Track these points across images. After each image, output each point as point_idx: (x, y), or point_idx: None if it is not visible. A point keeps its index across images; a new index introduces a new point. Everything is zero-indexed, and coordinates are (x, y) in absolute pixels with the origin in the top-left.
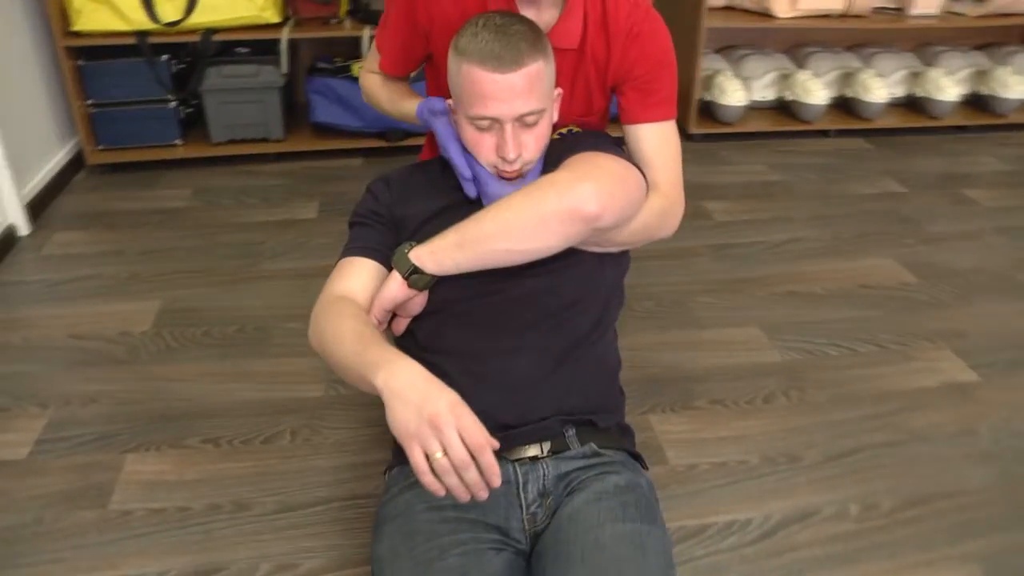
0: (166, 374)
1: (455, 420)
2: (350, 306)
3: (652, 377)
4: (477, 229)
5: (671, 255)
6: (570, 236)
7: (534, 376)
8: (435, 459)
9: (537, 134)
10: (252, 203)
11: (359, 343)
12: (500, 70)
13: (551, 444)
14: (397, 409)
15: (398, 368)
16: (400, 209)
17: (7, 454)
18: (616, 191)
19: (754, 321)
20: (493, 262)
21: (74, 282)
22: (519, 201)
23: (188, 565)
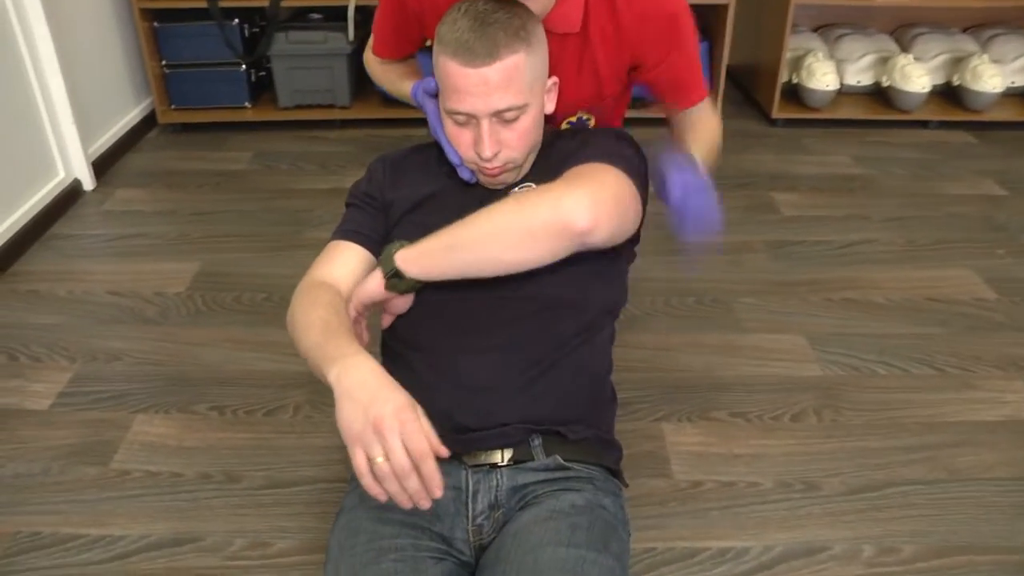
0: (190, 337)
1: (399, 425)
2: (326, 293)
3: (674, 382)
4: (464, 236)
5: (724, 248)
6: (558, 251)
7: (501, 378)
8: (375, 464)
9: (519, 130)
10: (309, 169)
11: (323, 334)
12: (472, 63)
13: (513, 452)
14: (344, 408)
15: (352, 365)
16: (391, 192)
17: (32, 404)
18: (611, 207)
19: (800, 328)
20: (479, 271)
21: (125, 239)
22: (509, 210)
23: (168, 532)
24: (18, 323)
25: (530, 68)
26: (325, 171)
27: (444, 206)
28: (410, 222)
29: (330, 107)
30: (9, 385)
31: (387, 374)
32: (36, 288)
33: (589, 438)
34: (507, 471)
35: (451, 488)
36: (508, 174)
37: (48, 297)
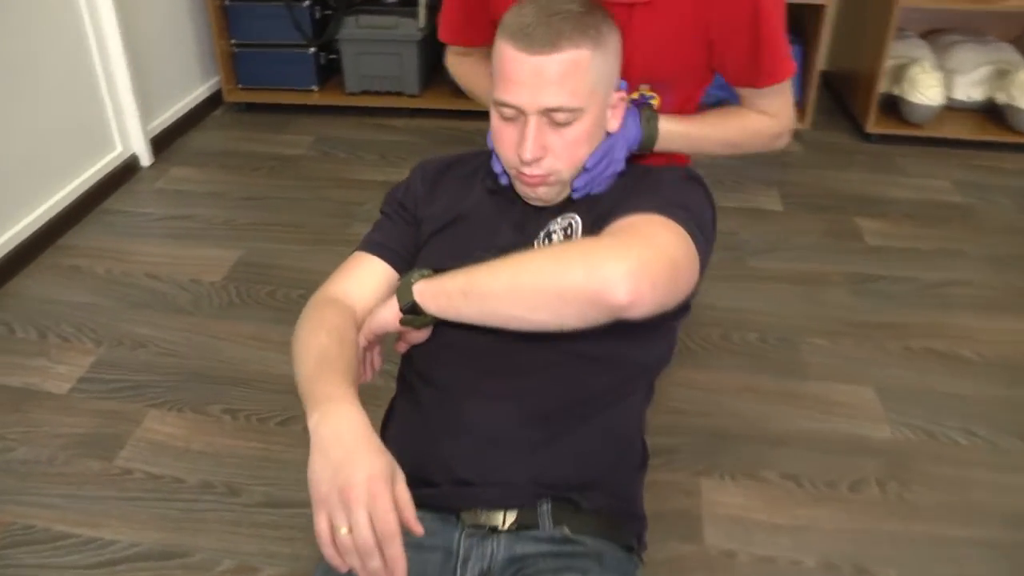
0: (218, 331)
1: (368, 498)
2: (335, 315)
3: (721, 430)
4: (488, 283)
5: (796, 278)
6: (589, 319)
7: (513, 431)
8: (338, 534)
9: (569, 138)
10: (368, 159)
11: (317, 366)
12: (529, 50)
13: (517, 516)
14: (315, 462)
15: (333, 413)
16: (424, 208)
17: (52, 386)
18: (659, 278)
19: (872, 380)
20: (500, 324)
21: (172, 220)
22: (540, 265)
23: (158, 543)
24: (54, 299)
25: (594, 70)
26: (384, 162)
27: (475, 227)
28: (438, 243)
29: (398, 95)
30: (34, 364)
31: (369, 428)
32: (78, 264)
33: (606, 508)
34: (506, 537)
35: (440, 550)
36: (549, 189)
37: (87, 274)
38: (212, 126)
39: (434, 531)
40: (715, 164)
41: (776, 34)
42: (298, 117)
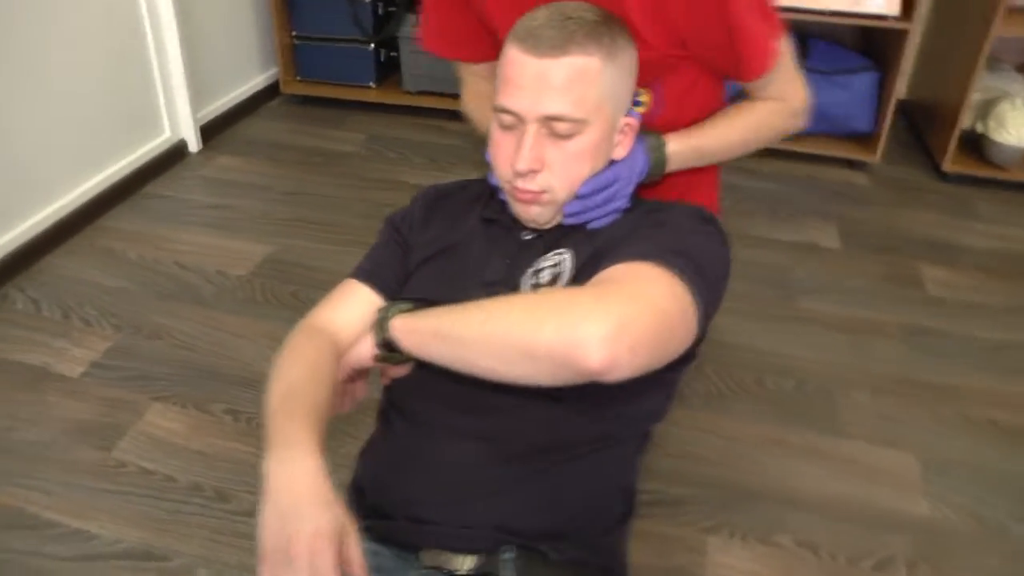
0: (235, 327)
1: (309, 556)
2: (314, 348)
3: (738, 483)
4: (460, 329)
5: (846, 324)
6: (562, 380)
7: (480, 470)
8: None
9: (569, 153)
10: (417, 161)
11: (283, 404)
12: (535, 52)
13: (477, 562)
14: (265, 510)
15: (288, 459)
16: (417, 235)
17: (66, 368)
18: (641, 343)
19: (916, 446)
20: (473, 372)
21: (210, 209)
22: (514, 317)
23: (140, 543)
24: (84, 280)
25: (603, 82)
26: (433, 165)
27: (465, 258)
28: (426, 272)
29: (455, 97)
30: (54, 344)
31: (323, 479)
32: (112, 247)
33: (579, 561)
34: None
35: None
36: (542, 209)
37: (120, 258)
38: (266, 116)
39: (390, 569)
40: (771, 193)
41: (750, 20)
42: (353, 113)
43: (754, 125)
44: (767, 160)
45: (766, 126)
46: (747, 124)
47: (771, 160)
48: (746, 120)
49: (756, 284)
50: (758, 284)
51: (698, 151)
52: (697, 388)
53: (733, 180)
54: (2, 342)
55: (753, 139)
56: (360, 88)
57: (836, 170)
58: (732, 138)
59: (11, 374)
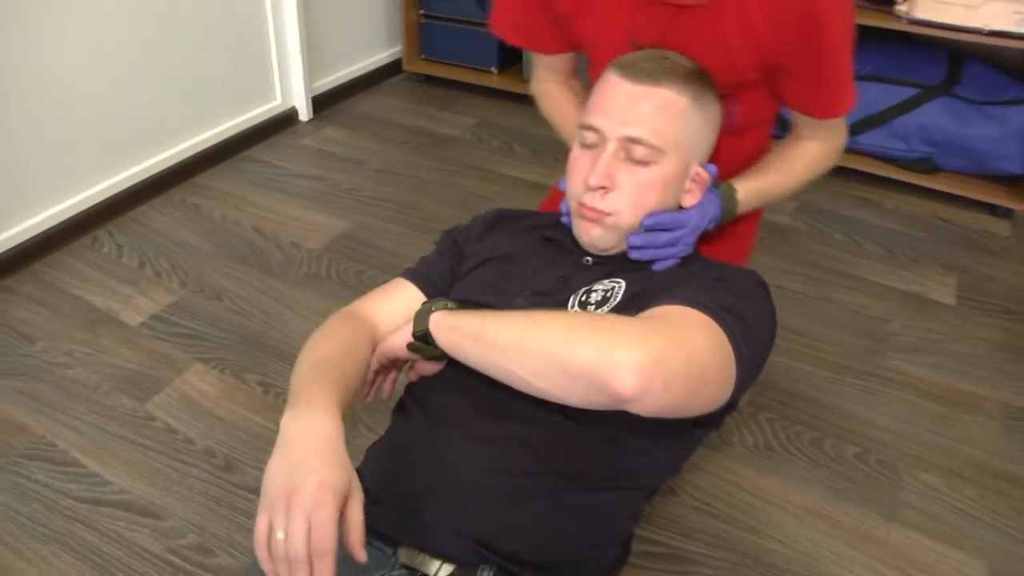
0: (293, 299)
1: (312, 506)
2: (350, 330)
3: (759, 554)
4: (498, 334)
5: (939, 394)
6: (591, 402)
7: (481, 478)
8: (274, 538)
9: (641, 181)
10: (519, 153)
11: (311, 372)
12: (631, 79)
13: (452, 571)
14: (274, 459)
15: (306, 415)
16: (473, 246)
17: (127, 316)
18: (676, 382)
19: (986, 553)
20: (502, 379)
21: (301, 179)
22: (555, 328)
23: (143, 497)
24: (166, 233)
25: (686, 122)
26: (535, 158)
27: (517, 268)
28: (476, 276)
29: None
30: (122, 291)
31: (339, 439)
32: (200, 204)
33: None
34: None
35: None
36: (604, 233)
37: (204, 216)
38: (384, 93)
39: (367, 568)
40: (890, 232)
41: (841, 62)
42: (469, 97)
43: (810, 169)
44: (894, 193)
45: (819, 169)
46: (803, 168)
47: (899, 194)
48: (803, 164)
49: (844, 332)
50: (847, 332)
51: (762, 196)
52: (745, 437)
53: (850, 212)
54: (81, 280)
55: (805, 182)
56: (481, 72)
57: (973, 214)
58: (788, 184)
59: (79, 313)
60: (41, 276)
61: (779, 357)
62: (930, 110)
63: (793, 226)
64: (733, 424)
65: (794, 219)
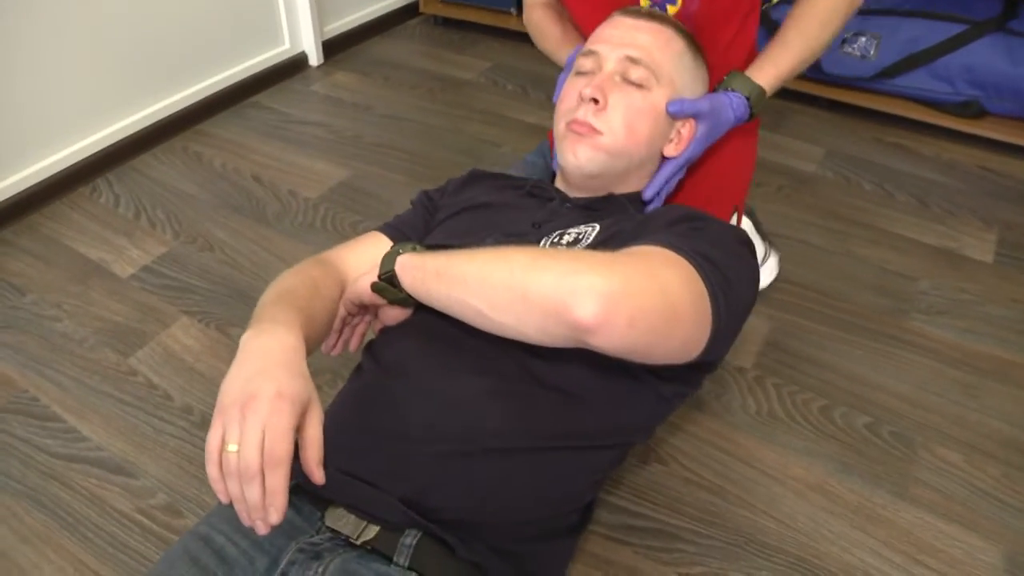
0: (285, 251)
1: (267, 413)
2: (318, 270)
3: (751, 531)
4: (461, 268)
5: (965, 360)
6: (551, 334)
7: (430, 431)
8: (226, 451)
9: (634, 103)
10: (533, 97)
11: (276, 298)
12: (633, 16)
13: (377, 535)
14: (231, 372)
15: (268, 332)
16: (448, 198)
17: (118, 268)
18: (641, 317)
19: (1005, 537)
20: (461, 315)
21: (305, 126)
22: (519, 261)
23: (118, 454)
24: (164, 182)
25: (679, 63)
26: (549, 103)
27: (492, 214)
28: (449, 224)
29: None
30: (116, 242)
31: (301, 355)
32: (202, 152)
33: (489, 566)
34: (340, 561)
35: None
36: (593, 154)
37: (204, 165)
38: (399, 36)
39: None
40: (927, 182)
41: None
42: (485, 39)
43: (825, 23)
44: (933, 140)
45: (838, 15)
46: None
47: (938, 140)
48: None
49: (866, 290)
50: (869, 290)
51: (779, 78)
52: (748, 403)
53: (882, 160)
54: (77, 232)
55: (827, 40)
56: (500, 13)
57: (1022, 164)
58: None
59: (72, 265)
60: (38, 227)
61: (793, 316)
62: (979, 48)
63: (819, 174)
64: (736, 389)
65: (821, 167)
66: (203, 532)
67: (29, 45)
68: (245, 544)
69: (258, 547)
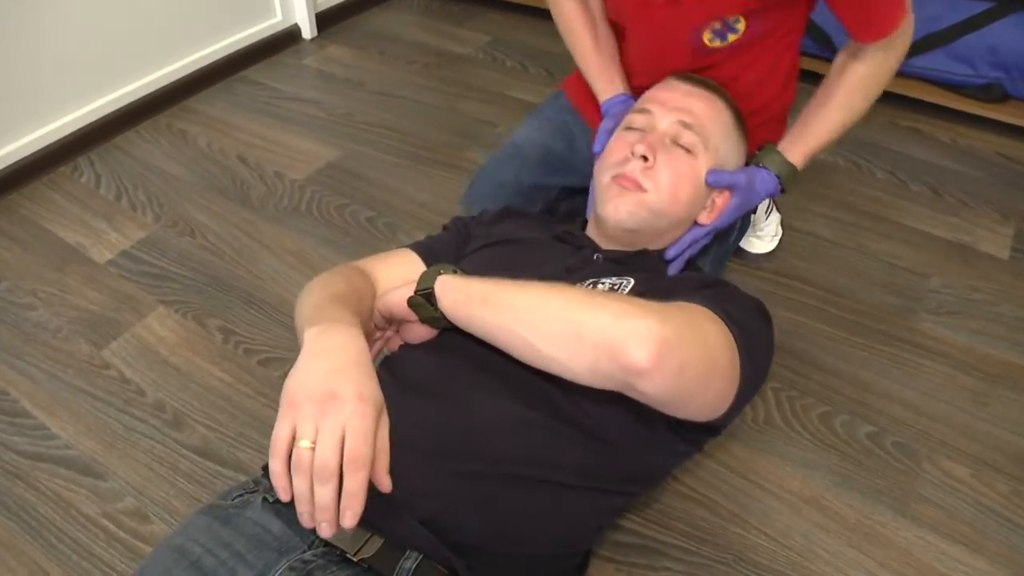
0: (267, 236)
1: (350, 414)
2: (358, 276)
3: (740, 548)
4: (511, 296)
5: (978, 365)
6: (598, 373)
7: (444, 446)
8: (298, 446)
9: (680, 166)
10: (533, 73)
11: (330, 299)
12: (688, 83)
13: (377, 553)
14: (303, 367)
15: (338, 332)
16: (482, 228)
17: (96, 253)
18: (689, 366)
19: (1015, 560)
20: (507, 345)
21: (295, 102)
22: (574, 295)
23: (87, 454)
24: (147, 162)
25: (726, 134)
26: (548, 80)
27: (526, 253)
28: (482, 255)
29: None
30: (95, 224)
31: (370, 359)
32: (186, 130)
33: None
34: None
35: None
36: (635, 209)
37: (188, 144)
38: (396, 7)
39: (270, 542)
40: (942, 171)
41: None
42: (486, 12)
43: (866, 93)
44: (950, 124)
45: (877, 86)
46: (860, 96)
47: (956, 125)
48: (857, 93)
49: (874, 287)
50: (877, 288)
51: (817, 152)
52: (745, 409)
53: (897, 146)
54: (55, 214)
55: (866, 108)
56: None
57: None
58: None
59: (49, 250)
60: (17, 208)
61: (795, 315)
62: (1003, 28)
63: (829, 161)
64: None
65: (831, 152)
66: (178, 543)
67: (5, 18)
68: (225, 555)
69: (241, 560)
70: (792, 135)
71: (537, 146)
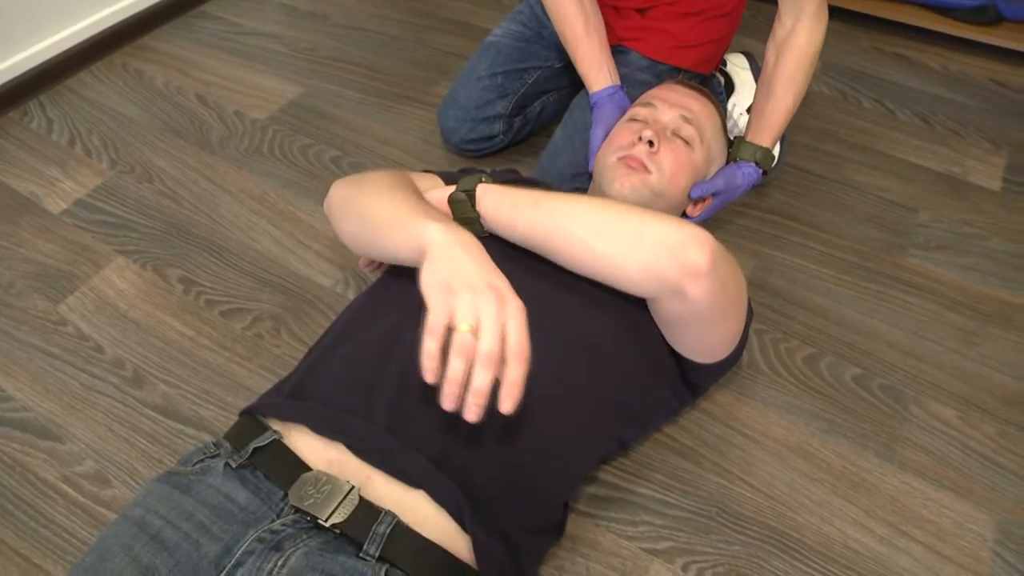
0: (228, 180)
1: (512, 310)
2: (410, 182)
3: (722, 499)
4: (561, 201)
5: (965, 303)
6: (653, 273)
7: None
8: (458, 331)
9: (680, 156)
10: (506, 2)
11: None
12: (686, 87)
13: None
14: (454, 257)
15: (465, 232)
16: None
17: (50, 203)
18: (730, 282)
19: (1000, 505)
20: (556, 248)
21: (257, 37)
22: (626, 206)
23: (45, 415)
24: (102, 104)
25: (716, 135)
26: None
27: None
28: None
29: None
30: (48, 172)
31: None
32: (144, 69)
33: (485, 554)
34: (302, 553)
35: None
36: (639, 187)
37: (146, 84)
38: None
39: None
40: (932, 99)
41: None
42: None
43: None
44: (940, 50)
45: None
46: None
47: (947, 51)
48: (800, 72)
49: (861, 222)
50: (864, 223)
51: (783, 125)
52: None
53: (884, 74)
54: (6, 163)
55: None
56: None
57: None
58: (795, 101)
59: (1, 200)
60: None
61: (780, 253)
62: None
63: (814, 89)
64: None
65: (816, 81)
66: (137, 516)
67: None
68: (188, 527)
69: (205, 531)
70: (752, 128)
71: (509, 35)
